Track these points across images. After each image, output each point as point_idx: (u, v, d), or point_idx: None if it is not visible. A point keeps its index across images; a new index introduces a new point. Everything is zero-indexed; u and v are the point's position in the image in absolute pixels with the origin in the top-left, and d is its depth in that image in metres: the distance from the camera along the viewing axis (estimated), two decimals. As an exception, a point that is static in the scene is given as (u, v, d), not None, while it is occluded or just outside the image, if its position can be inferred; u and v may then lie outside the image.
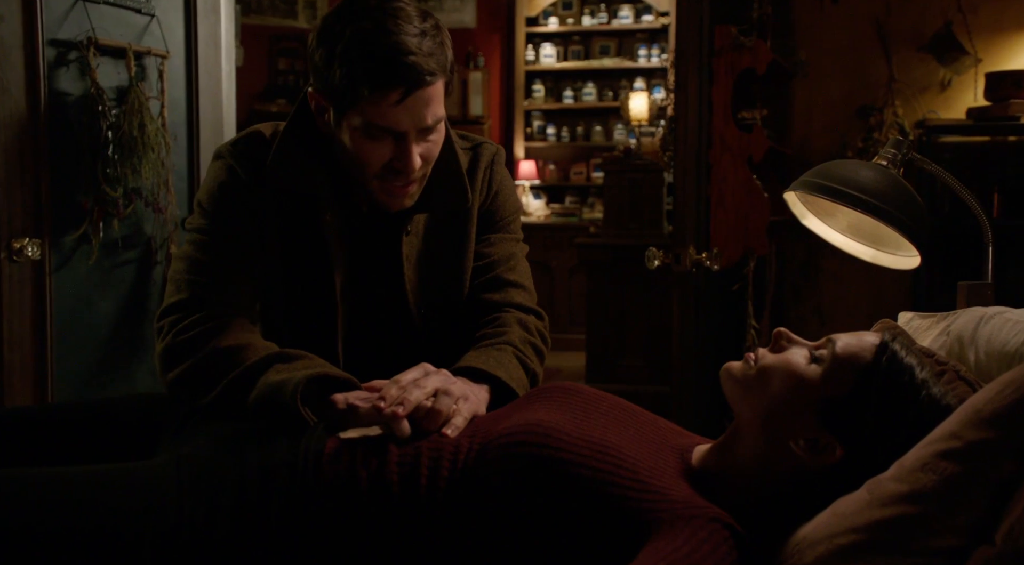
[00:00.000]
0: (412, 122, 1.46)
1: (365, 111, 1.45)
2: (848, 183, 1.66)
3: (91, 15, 3.14)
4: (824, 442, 1.20)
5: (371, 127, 1.46)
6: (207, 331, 1.46)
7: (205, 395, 1.42)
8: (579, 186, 7.99)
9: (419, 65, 1.41)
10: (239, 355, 1.43)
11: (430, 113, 1.47)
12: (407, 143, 1.48)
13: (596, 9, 7.93)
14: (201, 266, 1.52)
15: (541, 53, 7.99)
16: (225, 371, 1.41)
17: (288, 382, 1.35)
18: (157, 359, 1.48)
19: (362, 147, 1.49)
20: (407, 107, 1.44)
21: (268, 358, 1.42)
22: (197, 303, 1.50)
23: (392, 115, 1.45)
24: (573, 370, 6.06)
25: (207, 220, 1.56)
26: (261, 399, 1.37)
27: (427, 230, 1.65)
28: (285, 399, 1.34)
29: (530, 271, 1.77)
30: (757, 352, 1.27)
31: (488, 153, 1.72)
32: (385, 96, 1.43)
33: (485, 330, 1.61)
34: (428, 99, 1.45)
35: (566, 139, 8.07)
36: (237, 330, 1.47)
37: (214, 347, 1.44)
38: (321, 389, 1.39)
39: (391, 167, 1.51)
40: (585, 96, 7.98)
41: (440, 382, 1.37)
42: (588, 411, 1.30)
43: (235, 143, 1.59)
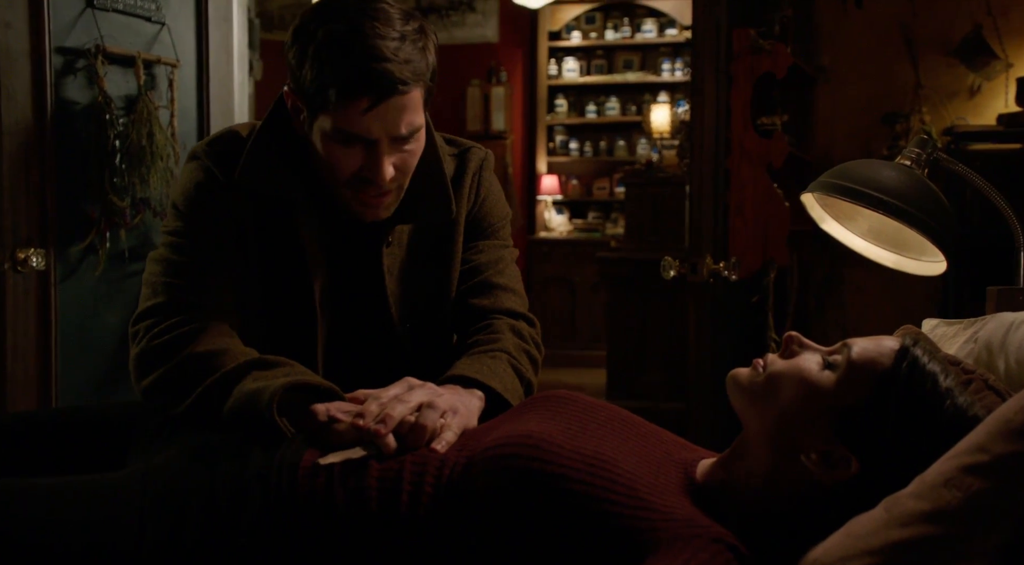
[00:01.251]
0: (384, 130, 1.39)
1: (335, 116, 1.38)
2: (869, 183, 1.57)
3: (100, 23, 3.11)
4: (838, 455, 1.11)
5: (341, 133, 1.39)
6: (183, 336, 1.39)
7: (180, 403, 1.35)
8: (602, 201, 7.92)
9: (391, 73, 1.33)
10: (215, 361, 1.35)
11: (404, 122, 1.39)
12: (378, 152, 1.40)
13: (619, 23, 7.87)
14: (177, 268, 1.45)
15: (564, 67, 7.94)
16: (200, 378, 1.34)
17: (265, 390, 1.27)
18: (131, 365, 1.41)
19: (332, 152, 1.42)
20: (378, 115, 1.36)
21: (246, 365, 1.34)
22: (173, 307, 1.42)
23: (361, 122, 1.37)
24: (594, 387, 5.96)
25: (183, 222, 1.49)
26: (237, 408, 1.29)
27: (412, 240, 1.58)
28: (261, 408, 1.26)
29: (520, 276, 1.69)
30: (766, 358, 1.18)
31: (476, 159, 1.64)
32: (353, 103, 1.35)
33: (477, 337, 1.53)
34: (402, 107, 1.37)
35: (589, 154, 8.00)
36: (215, 335, 1.40)
37: (190, 353, 1.37)
38: (301, 398, 1.32)
39: (362, 176, 1.43)
40: (608, 111, 7.91)
41: (425, 396, 1.29)
42: (584, 422, 1.21)
43: (211, 143, 1.52)
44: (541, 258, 7.70)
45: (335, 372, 1.50)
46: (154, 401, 1.38)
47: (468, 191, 1.61)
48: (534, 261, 7.73)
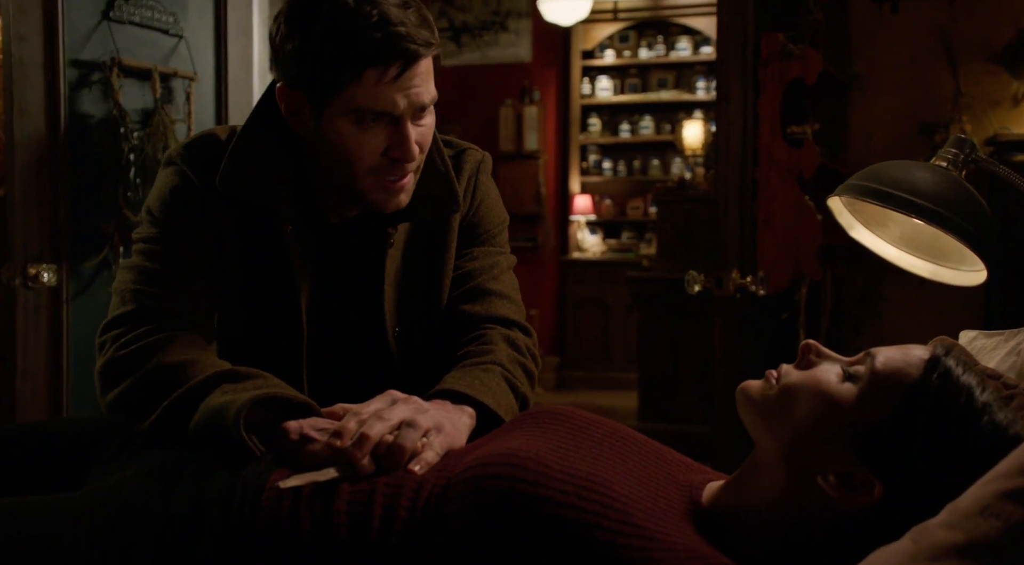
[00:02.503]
0: (408, 102, 1.32)
1: (355, 96, 1.29)
2: (901, 185, 1.45)
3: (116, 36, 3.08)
4: (859, 478, 0.99)
5: (363, 113, 1.31)
6: (151, 345, 1.30)
7: (145, 418, 1.26)
8: (636, 221, 7.81)
9: (413, 36, 1.27)
10: (183, 373, 1.26)
11: (425, 90, 1.33)
12: (403, 126, 1.33)
13: (653, 41, 7.78)
14: (149, 276, 1.36)
15: (597, 86, 7.86)
16: (167, 391, 1.25)
17: (231, 405, 1.18)
18: (96, 377, 1.32)
19: (352, 140, 1.33)
20: (403, 85, 1.30)
21: (215, 377, 1.25)
22: (143, 315, 1.33)
23: (387, 95, 1.30)
24: (626, 410, 5.83)
25: (156, 228, 1.40)
26: (203, 424, 1.20)
27: (408, 244, 1.50)
28: (227, 425, 1.16)
29: (517, 285, 1.59)
30: (780, 369, 1.06)
31: (472, 160, 1.55)
32: (383, 73, 1.28)
33: (469, 348, 1.43)
34: (422, 75, 1.32)
35: (622, 173, 7.91)
36: (186, 345, 1.31)
37: (157, 363, 1.28)
38: (274, 414, 1.22)
39: (387, 157, 1.35)
40: (642, 130, 7.82)
41: (407, 412, 1.19)
42: (578, 439, 1.10)
43: (187, 147, 1.44)
44: (574, 279, 7.60)
45: (320, 383, 1.41)
46: (119, 416, 1.29)
47: (464, 193, 1.52)
48: (567, 282, 7.63)
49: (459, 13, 8.05)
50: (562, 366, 7.52)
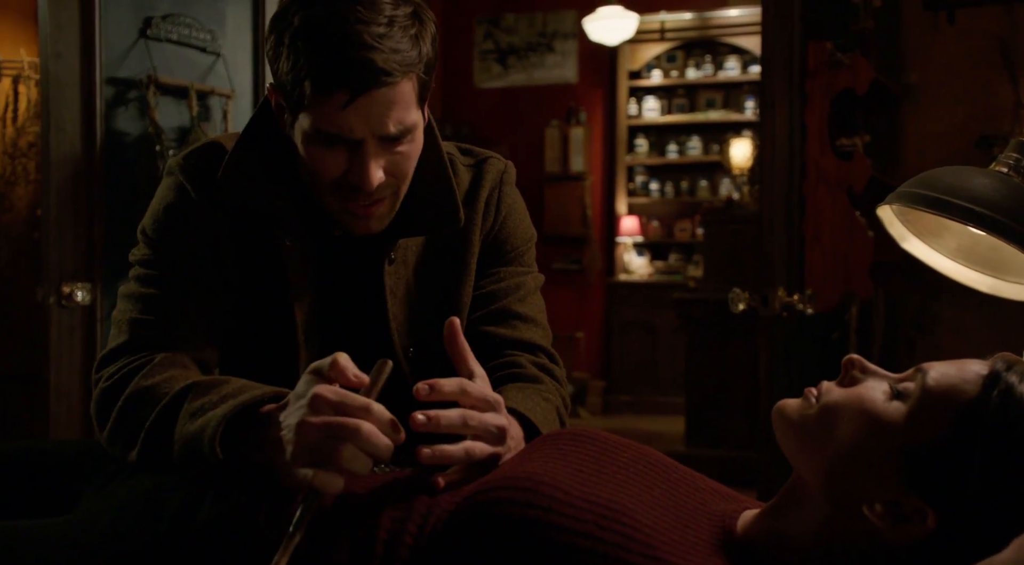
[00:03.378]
0: (368, 129, 1.21)
1: (313, 113, 1.20)
2: (958, 192, 1.35)
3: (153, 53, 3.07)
4: (910, 507, 0.90)
5: (320, 133, 1.21)
6: (132, 371, 1.22)
7: (131, 450, 1.18)
8: (684, 243, 7.69)
9: (372, 62, 1.16)
10: (157, 393, 1.18)
11: (392, 119, 1.21)
12: (363, 154, 1.22)
13: (701, 61, 7.69)
14: (145, 303, 1.29)
15: (644, 107, 7.78)
16: (143, 418, 1.17)
17: (204, 431, 1.09)
18: (92, 415, 1.24)
19: (313, 156, 1.24)
20: (360, 111, 1.19)
21: (180, 393, 1.16)
22: (137, 346, 1.26)
23: (340, 119, 1.19)
24: (673, 435, 5.71)
25: (151, 249, 1.33)
26: (183, 457, 1.12)
27: (420, 259, 1.40)
28: (206, 455, 1.08)
29: (544, 307, 1.49)
30: (821, 386, 0.97)
31: (494, 170, 1.44)
32: (330, 97, 1.18)
33: (505, 372, 1.34)
34: (388, 102, 1.20)
35: (670, 195, 7.80)
36: (164, 365, 1.23)
37: (134, 387, 1.20)
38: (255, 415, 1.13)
39: (347, 182, 1.25)
40: (690, 150, 7.71)
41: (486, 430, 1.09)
42: (600, 463, 1.01)
43: (188, 156, 1.36)
44: (621, 301, 7.50)
45: None
46: (116, 453, 1.22)
47: (486, 205, 1.42)
48: (614, 304, 7.53)
49: (505, 35, 8.04)
50: (608, 390, 7.41)
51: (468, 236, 1.41)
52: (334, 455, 0.96)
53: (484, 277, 1.42)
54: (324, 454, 0.97)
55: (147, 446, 1.15)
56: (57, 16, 2.89)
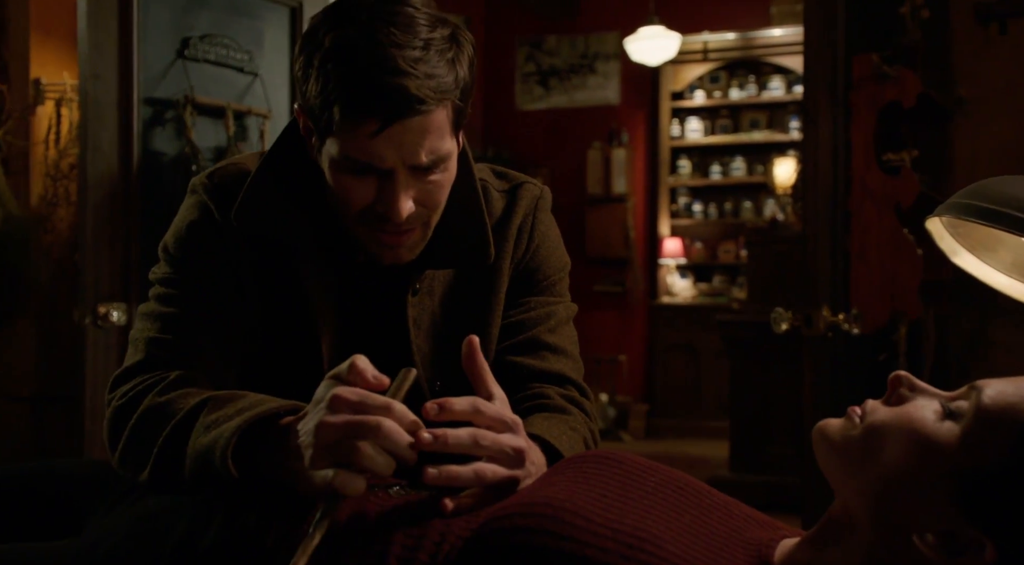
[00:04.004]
0: (399, 157, 1.15)
1: (342, 140, 1.15)
2: (1012, 202, 1.28)
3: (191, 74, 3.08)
4: (965, 537, 0.83)
5: (349, 161, 1.16)
6: (146, 389, 1.18)
7: (142, 471, 1.13)
8: (728, 265, 7.59)
9: (405, 89, 1.10)
10: (171, 408, 1.13)
11: (425, 149, 1.15)
12: (394, 184, 1.17)
13: (745, 81, 7.61)
14: (164, 322, 1.24)
15: (687, 128, 7.71)
16: (156, 435, 1.12)
17: (217, 443, 1.04)
18: (104, 436, 1.20)
19: (341, 183, 1.18)
20: (391, 140, 1.13)
21: (196, 408, 1.11)
22: (152, 365, 1.22)
23: (371, 148, 1.14)
24: (718, 460, 5.59)
25: (172, 267, 1.28)
26: (195, 471, 1.07)
27: (447, 289, 1.34)
28: (216, 469, 1.03)
29: (576, 338, 1.42)
30: (866, 405, 0.90)
31: (529, 196, 1.38)
32: (360, 125, 1.12)
33: (533, 403, 1.28)
34: (421, 131, 1.14)
35: (713, 216, 7.71)
36: (179, 383, 1.18)
37: (148, 404, 1.15)
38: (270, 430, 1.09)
39: (375, 211, 1.20)
40: (734, 171, 7.63)
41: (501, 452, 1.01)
42: (626, 488, 0.95)
43: (211, 175, 1.31)
44: (664, 324, 7.41)
45: None
46: (128, 474, 1.17)
47: (517, 234, 1.35)
48: (657, 327, 7.45)
49: (547, 57, 8.02)
50: (651, 414, 7.31)
51: (498, 265, 1.35)
52: (354, 454, 0.92)
53: (513, 307, 1.36)
54: (344, 453, 0.93)
55: (159, 463, 1.11)
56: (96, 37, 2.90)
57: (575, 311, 1.43)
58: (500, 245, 1.35)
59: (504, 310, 1.36)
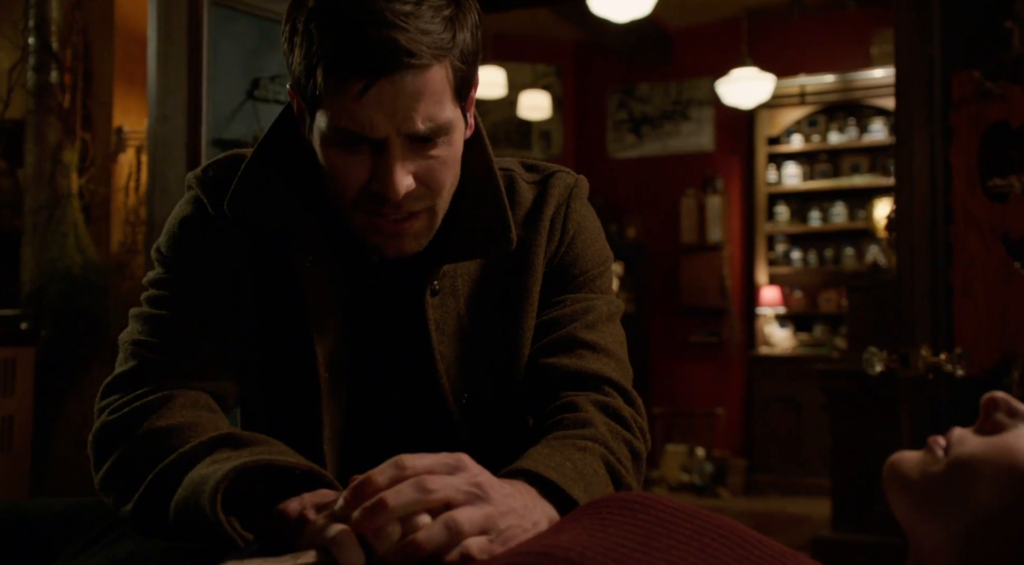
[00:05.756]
0: (392, 124, 1.02)
1: (329, 107, 1.02)
2: None
3: (260, 114, 3.05)
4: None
5: (338, 132, 1.03)
6: (144, 407, 1.06)
7: (130, 498, 1.01)
8: (829, 314, 7.27)
9: (394, 41, 0.97)
10: (177, 438, 1.02)
11: (421, 113, 1.02)
12: (388, 155, 1.03)
13: (844, 124, 7.35)
14: (154, 325, 1.14)
15: (784, 173, 7.47)
16: (155, 461, 1.00)
17: (211, 478, 0.92)
18: (89, 451, 1.08)
19: (332, 161, 1.06)
20: (380, 102, 1.00)
21: (210, 443, 0.99)
22: (144, 373, 1.11)
23: (359, 113, 1.01)
24: (820, 518, 5.28)
25: (164, 267, 1.18)
26: (182, 503, 0.94)
27: (474, 289, 1.20)
28: (203, 504, 0.90)
29: (623, 338, 1.25)
30: (951, 435, 0.73)
31: (562, 185, 1.24)
32: (344, 86, 1.00)
33: (558, 417, 1.11)
34: (416, 93, 1.01)
35: (813, 264, 7.42)
36: (185, 405, 1.07)
37: (148, 428, 1.04)
38: (275, 486, 0.96)
39: (371, 192, 1.06)
40: (834, 217, 7.34)
41: (459, 493, 0.85)
42: (652, 535, 0.78)
43: (206, 168, 1.19)
44: (763, 376, 7.12)
45: (354, 463, 1.12)
46: (109, 497, 1.05)
47: (550, 227, 1.22)
48: (755, 379, 7.16)
49: (639, 104, 7.92)
50: (751, 469, 7.00)
51: (530, 260, 1.20)
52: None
53: (549, 306, 1.21)
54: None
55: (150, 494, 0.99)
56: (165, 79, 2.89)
57: (620, 308, 1.27)
58: (531, 238, 1.21)
59: (538, 310, 1.21)
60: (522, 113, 7.39)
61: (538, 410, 1.17)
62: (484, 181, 1.17)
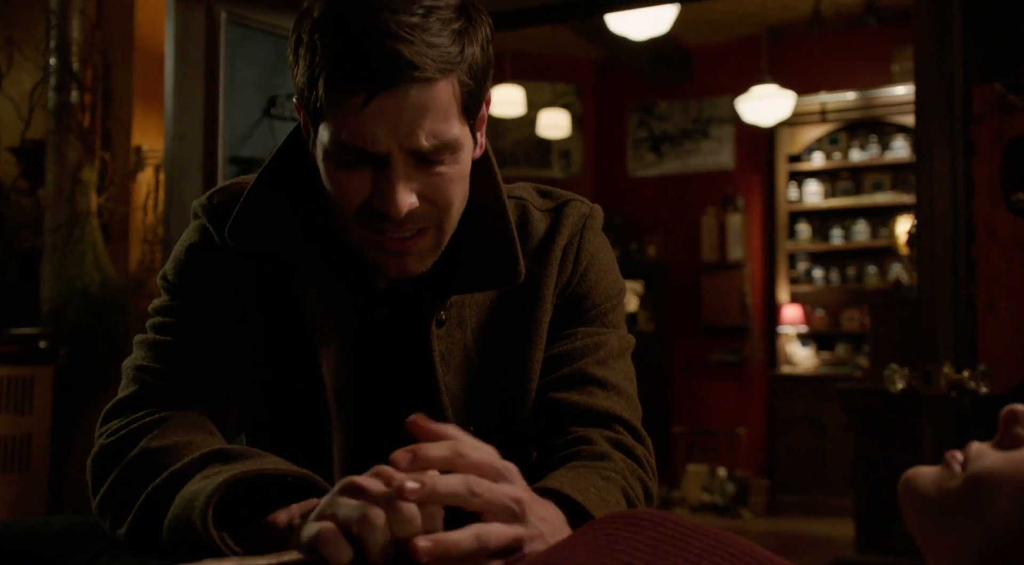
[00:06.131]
0: (394, 139, 0.99)
1: (331, 120, 1.01)
2: None
3: (276, 132, 3.05)
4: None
5: (339, 147, 1.01)
6: (141, 429, 1.05)
7: (124, 520, 0.99)
8: (852, 333, 7.19)
9: (397, 53, 0.95)
10: (171, 456, 0.99)
11: (425, 129, 0.99)
12: (390, 172, 1.01)
13: (866, 142, 7.30)
14: (157, 351, 1.12)
15: (805, 191, 7.42)
16: (148, 481, 0.98)
17: (199, 495, 0.90)
18: (87, 476, 1.07)
19: (334, 178, 1.04)
20: (383, 116, 0.98)
21: (201, 459, 0.97)
22: (143, 398, 1.09)
23: (361, 127, 0.99)
24: (844, 539, 5.21)
25: (169, 295, 1.17)
26: (175, 522, 0.92)
27: (482, 321, 1.17)
28: (194, 520, 0.88)
29: (634, 376, 1.22)
30: (969, 449, 0.70)
31: (575, 215, 1.20)
32: (346, 98, 0.98)
33: (571, 450, 1.09)
34: (420, 107, 0.98)
35: (835, 282, 7.36)
36: (181, 425, 1.05)
37: (143, 448, 1.02)
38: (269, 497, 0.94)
39: (372, 209, 1.04)
40: (856, 235, 7.28)
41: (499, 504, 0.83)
42: (659, 554, 0.75)
43: (211, 195, 1.18)
44: (785, 395, 7.05)
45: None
46: (106, 520, 1.03)
47: (562, 257, 1.18)
48: (777, 399, 7.10)
49: (659, 122, 7.90)
50: (773, 490, 6.92)
51: (540, 291, 1.17)
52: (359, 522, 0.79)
53: (559, 340, 1.18)
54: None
55: (143, 516, 0.97)
56: (182, 98, 2.90)
57: (632, 344, 1.23)
58: (542, 269, 1.17)
59: (547, 343, 1.18)
60: (541, 132, 7.39)
61: (546, 445, 1.14)
62: (492, 210, 1.14)
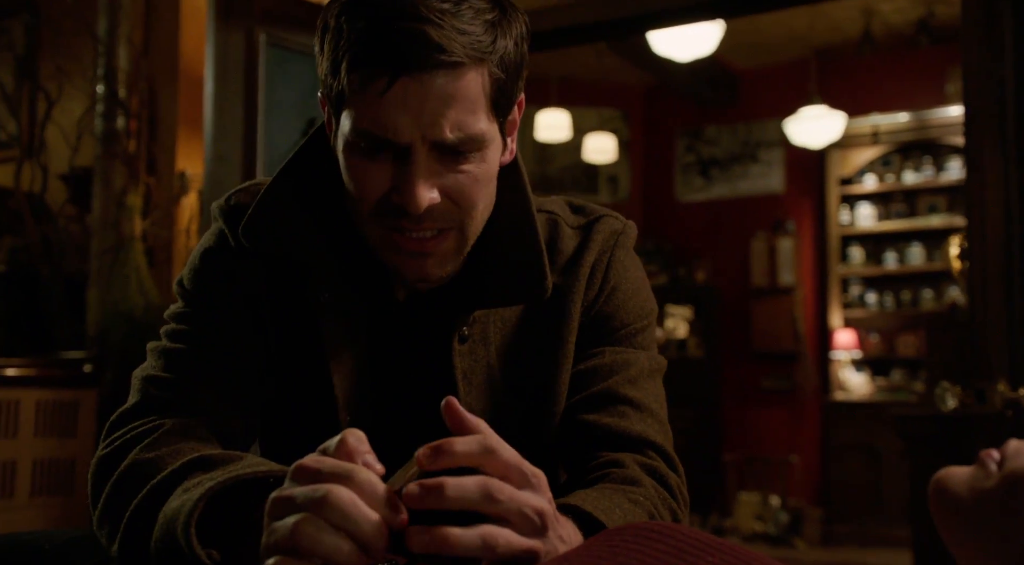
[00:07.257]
0: (417, 129, 0.94)
1: (353, 108, 0.97)
2: None
3: (315, 154, 3.04)
4: None
5: (361, 135, 0.96)
6: (135, 438, 1.01)
7: (115, 537, 0.95)
8: (908, 358, 7.02)
9: (424, 34, 0.91)
10: (156, 467, 0.96)
11: (450, 120, 0.94)
12: (411, 164, 0.96)
13: (920, 164, 7.16)
14: (168, 359, 1.09)
15: (857, 214, 7.29)
16: (134, 496, 0.94)
17: (180, 512, 0.85)
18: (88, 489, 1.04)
19: (353, 169, 0.99)
20: (406, 103, 0.93)
21: (182, 468, 0.93)
22: (147, 407, 1.06)
23: (382, 114, 0.94)
24: (901, 571, 5.04)
25: (184, 301, 1.14)
26: (161, 541, 0.88)
27: (507, 338, 1.12)
28: (178, 537, 0.84)
29: (664, 398, 1.15)
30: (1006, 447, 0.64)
31: (607, 231, 1.16)
32: (369, 82, 0.93)
33: (600, 473, 1.03)
34: (446, 96, 0.93)
35: (890, 306, 7.19)
36: (174, 434, 1.01)
37: (132, 460, 0.98)
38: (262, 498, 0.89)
39: (391, 203, 0.99)
40: (911, 258, 7.12)
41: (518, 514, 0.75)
42: None
43: (229, 197, 1.14)
44: (839, 422, 6.90)
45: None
46: (103, 534, 0.99)
47: (590, 274, 1.13)
48: (831, 426, 6.94)
49: (707, 147, 7.84)
50: (827, 519, 6.76)
51: (566, 308, 1.12)
52: (296, 536, 0.69)
53: (585, 358, 1.13)
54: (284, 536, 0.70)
55: (130, 533, 0.93)
56: (221, 120, 2.91)
57: (663, 366, 1.17)
58: (569, 284, 1.12)
59: (573, 363, 1.13)
60: (587, 156, 7.36)
61: (575, 466, 1.09)
62: (520, 221, 1.10)
